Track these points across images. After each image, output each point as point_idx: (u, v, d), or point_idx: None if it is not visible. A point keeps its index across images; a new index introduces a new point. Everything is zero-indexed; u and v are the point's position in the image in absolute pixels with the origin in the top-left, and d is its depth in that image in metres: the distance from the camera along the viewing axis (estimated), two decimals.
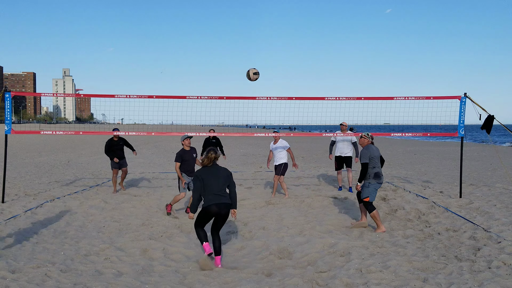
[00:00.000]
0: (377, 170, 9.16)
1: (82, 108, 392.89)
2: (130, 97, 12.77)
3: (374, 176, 9.14)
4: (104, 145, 14.15)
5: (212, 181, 7.14)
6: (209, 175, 7.19)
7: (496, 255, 7.16)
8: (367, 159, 9.08)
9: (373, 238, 8.52)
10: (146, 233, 8.99)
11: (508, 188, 13.67)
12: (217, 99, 12.85)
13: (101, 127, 54.10)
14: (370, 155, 9.10)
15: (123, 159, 14.12)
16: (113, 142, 13.99)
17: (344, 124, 14.02)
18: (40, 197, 12.42)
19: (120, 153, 14.04)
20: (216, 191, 7.11)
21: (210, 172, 7.23)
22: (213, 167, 7.30)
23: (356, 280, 6.33)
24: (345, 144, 14.14)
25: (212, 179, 7.15)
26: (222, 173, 7.28)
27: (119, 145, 14.06)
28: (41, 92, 13.59)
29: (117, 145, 14.03)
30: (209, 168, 7.28)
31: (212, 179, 7.16)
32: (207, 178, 7.15)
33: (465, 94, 12.26)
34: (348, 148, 14.13)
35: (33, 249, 7.77)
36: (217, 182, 7.16)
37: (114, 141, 13.99)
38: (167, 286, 6.19)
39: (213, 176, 7.19)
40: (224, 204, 7.13)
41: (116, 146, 14.00)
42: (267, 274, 6.80)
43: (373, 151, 9.17)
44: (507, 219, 9.51)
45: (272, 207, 11.62)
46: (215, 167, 7.32)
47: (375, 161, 9.14)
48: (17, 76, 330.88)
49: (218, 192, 7.12)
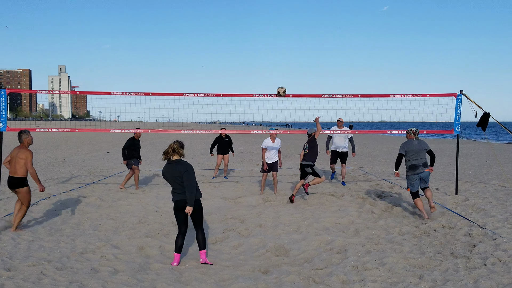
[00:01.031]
0: (412, 163, 9.98)
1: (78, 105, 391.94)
2: (126, 94, 12.74)
3: (409, 168, 10.02)
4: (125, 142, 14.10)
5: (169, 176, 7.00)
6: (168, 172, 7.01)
7: (491, 252, 7.19)
8: (402, 151, 10.08)
9: (370, 235, 8.54)
10: (143, 230, 8.98)
11: (504, 185, 13.71)
12: (214, 97, 12.82)
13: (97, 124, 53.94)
14: (406, 148, 10.01)
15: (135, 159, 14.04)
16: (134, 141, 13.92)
17: (341, 120, 14.21)
18: (36, 195, 12.37)
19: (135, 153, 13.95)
20: (176, 188, 7.01)
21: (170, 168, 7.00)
22: (172, 163, 7.02)
23: (352, 277, 6.34)
24: (341, 140, 14.44)
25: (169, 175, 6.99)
26: (179, 168, 6.94)
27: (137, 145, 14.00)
28: (36, 89, 13.54)
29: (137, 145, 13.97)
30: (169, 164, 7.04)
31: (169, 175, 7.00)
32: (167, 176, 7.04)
33: (461, 92, 12.28)
34: (345, 143, 14.43)
35: (28, 247, 7.74)
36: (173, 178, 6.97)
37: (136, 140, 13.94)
38: (163, 283, 6.18)
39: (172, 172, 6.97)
40: (180, 200, 7.02)
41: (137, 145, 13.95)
42: (263, 272, 6.80)
43: (411, 146, 10.02)
44: (502, 216, 9.55)
45: (269, 204, 11.62)
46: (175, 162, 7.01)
47: (410, 155, 10.01)
48: (12, 73, 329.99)
49: (177, 190, 7.01)
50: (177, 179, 6.93)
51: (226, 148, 16.38)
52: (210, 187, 14.03)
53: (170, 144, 7.03)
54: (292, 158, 24.85)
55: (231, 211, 10.73)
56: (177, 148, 7.03)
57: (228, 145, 16.40)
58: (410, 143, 10.03)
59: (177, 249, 7.17)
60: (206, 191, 12.97)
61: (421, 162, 9.93)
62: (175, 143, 7.02)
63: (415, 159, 9.93)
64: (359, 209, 10.60)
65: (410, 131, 10.22)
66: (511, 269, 6.39)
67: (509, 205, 10.64)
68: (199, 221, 7.25)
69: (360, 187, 13.84)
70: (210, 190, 13.42)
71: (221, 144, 16.37)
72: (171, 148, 7.00)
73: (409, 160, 9.98)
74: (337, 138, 14.55)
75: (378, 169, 18.92)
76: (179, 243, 7.16)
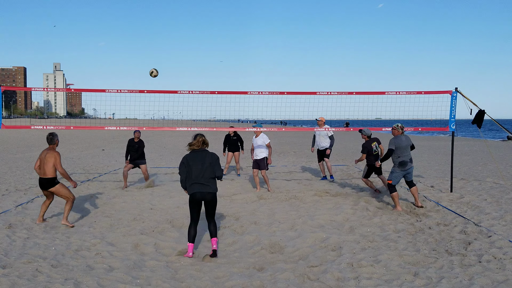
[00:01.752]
0: (402, 159, 10.15)
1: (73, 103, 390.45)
2: (121, 92, 12.71)
3: (399, 165, 10.21)
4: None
5: (198, 167, 7.17)
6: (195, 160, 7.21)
7: (486, 249, 7.21)
8: (392, 146, 10.12)
9: (364, 233, 8.55)
10: (138, 228, 8.96)
11: (499, 182, 13.76)
12: (209, 94, 12.81)
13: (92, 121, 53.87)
14: (396, 145, 10.08)
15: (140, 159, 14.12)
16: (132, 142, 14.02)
17: (320, 119, 14.42)
18: (31, 192, 12.37)
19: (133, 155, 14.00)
20: (200, 179, 7.15)
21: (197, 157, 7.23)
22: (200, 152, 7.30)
23: (347, 275, 6.35)
24: (321, 138, 14.83)
25: (198, 165, 7.18)
26: (208, 159, 7.23)
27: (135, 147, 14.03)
28: (31, 87, 13.49)
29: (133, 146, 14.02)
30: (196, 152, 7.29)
31: (198, 164, 7.18)
32: (193, 164, 7.19)
33: (456, 89, 12.30)
34: (325, 141, 14.81)
35: (24, 244, 7.73)
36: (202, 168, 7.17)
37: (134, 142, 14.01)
38: (158, 281, 6.17)
39: (199, 162, 7.19)
40: (207, 192, 7.22)
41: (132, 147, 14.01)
42: (258, 269, 6.80)
43: (401, 142, 10.09)
44: (497, 213, 9.58)
45: (264, 201, 11.62)
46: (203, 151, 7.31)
47: (401, 151, 10.14)
48: (7, 70, 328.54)
49: (202, 180, 7.16)
50: (206, 168, 7.16)
51: (235, 146, 16.54)
52: None
53: (197, 138, 7.26)
54: (287, 156, 24.86)
55: (226, 208, 10.72)
56: (205, 140, 7.33)
57: (236, 143, 16.55)
58: (400, 139, 10.19)
59: (191, 239, 7.32)
60: None
61: (408, 158, 10.26)
62: (200, 136, 7.28)
63: (404, 155, 10.17)
64: (354, 207, 10.62)
65: (398, 127, 10.34)
66: (506, 266, 6.41)
67: (504, 203, 10.68)
68: (213, 213, 7.44)
69: (355, 185, 13.86)
70: None
71: (229, 142, 16.64)
72: (201, 141, 7.27)
73: (399, 156, 10.17)
74: (318, 137, 14.92)
75: None
76: (192, 233, 7.32)
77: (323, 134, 14.72)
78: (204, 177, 7.16)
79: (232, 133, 16.51)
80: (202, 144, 7.30)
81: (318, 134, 14.85)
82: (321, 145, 14.83)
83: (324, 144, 14.76)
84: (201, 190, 7.17)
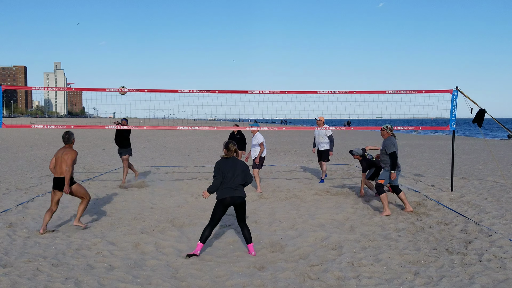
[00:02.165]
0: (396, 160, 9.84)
1: (74, 102, 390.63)
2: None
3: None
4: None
5: (230, 173, 7.42)
6: (227, 167, 7.46)
7: (487, 248, 7.21)
8: (394, 147, 9.81)
9: (365, 232, 8.55)
10: (138, 227, 8.96)
11: (499, 181, 13.75)
12: (209, 93, 12.81)
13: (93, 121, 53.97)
14: (395, 145, 9.86)
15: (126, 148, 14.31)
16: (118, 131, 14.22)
17: (320, 119, 14.32)
18: (32, 191, 12.37)
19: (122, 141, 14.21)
20: (231, 184, 7.40)
21: (229, 164, 7.49)
22: (231, 159, 7.56)
23: (347, 274, 6.35)
24: (320, 138, 14.63)
25: (230, 172, 7.43)
26: (239, 166, 7.53)
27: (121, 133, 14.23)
28: (32, 86, 13.49)
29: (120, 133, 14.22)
30: (227, 160, 7.54)
31: (229, 171, 7.43)
32: (226, 170, 7.43)
33: (457, 88, 12.29)
34: (324, 141, 14.58)
35: (24, 243, 7.73)
36: (233, 175, 7.43)
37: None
38: (158, 280, 6.18)
39: (231, 169, 7.46)
40: (237, 196, 7.44)
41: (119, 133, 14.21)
42: (259, 268, 6.80)
43: (396, 142, 9.91)
44: (498, 212, 9.58)
45: (264, 201, 11.63)
46: (234, 159, 7.59)
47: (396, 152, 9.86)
48: (8, 69, 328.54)
49: (232, 185, 7.40)
50: (238, 175, 7.46)
51: (238, 145, 16.40)
52: (206, 183, 14.01)
53: (230, 146, 7.56)
54: (288, 155, 24.86)
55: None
56: (237, 149, 7.69)
57: (240, 142, 16.43)
58: (393, 140, 10.08)
59: (204, 240, 7.41)
60: (201, 188, 12.97)
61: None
62: (233, 145, 7.61)
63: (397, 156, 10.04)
64: (355, 206, 10.62)
65: (387, 128, 10.19)
66: (507, 265, 6.41)
67: (505, 202, 10.68)
68: (244, 217, 7.62)
69: (355, 184, 13.85)
70: (205, 187, 13.40)
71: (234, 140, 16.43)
72: (233, 150, 7.59)
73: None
74: (317, 137, 14.77)
75: None
76: (206, 234, 7.42)
77: (322, 133, 14.61)
78: (234, 183, 7.41)
79: (236, 131, 16.38)
80: (234, 152, 7.62)
81: (317, 134, 14.76)
82: (320, 145, 14.67)
83: (323, 144, 14.60)
84: (232, 194, 7.39)
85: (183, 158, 23.32)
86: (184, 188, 13.43)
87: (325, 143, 14.57)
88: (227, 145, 7.59)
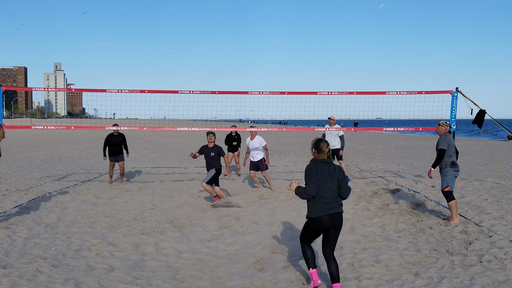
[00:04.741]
0: (454, 159, 9.16)
1: (74, 102, 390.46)
2: (122, 92, 12.75)
3: (451, 165, 9.14)
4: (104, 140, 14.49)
5: (327, 183, 5.64)
6: (323, 173, 5.65)
7: (487, 249, 7.20)
8: (445, 145, 9.09)
9: (365, 233, 8.54)
10: (138, 228, 8.96)
11: (500, 182, 13.74)
12: (210, 94, 12.81)
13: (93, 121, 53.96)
14: (448, 143, 9.12)
15: (120, 154, 14.43)
16: (112, 136, 14.29)
17: (332, 118, 14.34)
18: (32, 192, 12.36)
19: (118, 148, 14.33)
20: (330, 197, 5.63)
21: (325, 170, 5.68)
22: (327, 163, 5.72)
23: (348, 275, 6.35)
24: (332, 137, 14.61)
25: (327, 182, 5.64)
26: (338, 173, 5.71)
27: (118, 140, 14.33)
28: (32, 87, 13.50)
29: (116, 140, 14.30)
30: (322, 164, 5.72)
31: (327, 181, 5.64)
32: (322, 179, 5.64)
33: (457, 89, 12.30)
34: (336, 141, 14.60)
35: (24, 244, 7.72)
36: (331, 184, 5.65)
37: (114, 135, 14.31)
38: (159, 281, 6.17)
39: (329, 177, 5.66)
40: (337, 214, 5.68)
41: (114, 140, 14.28)
42: (259, 269, 6.80)
43: (451, 140, 9.21)
44: (498, 213, 9.57)
45: (265, 201, 11.61)
46: (330, 163, 5.74)
47: (452, 150, 9.17)
48: (8, 70, 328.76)
49: (332, 199, 5.66)
50: (335, 183, 5.68)
51: (234, 146, 16.50)
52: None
53: (321, 145, 5.74)
54: (288, 155, 24.85)
55: (227, 209, 10.72)
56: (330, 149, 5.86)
57: (236, 143, 16.51)
58: (449, 136, 9.29)
59: (314, 264, 5.92)
60: (201, 189, 12.96)
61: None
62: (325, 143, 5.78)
63: (454, 155, 9.27)
64: (355, 207, 10.60)
65: (446, 124, 9.39)
66: (507, 266, 6.40)
67: (505, 202, 10.67)
68: (335, 244, 5.85)
69: (355, 185, 13.84)
70: None
71: (230, 141, 16.57)
72: (328, 151, 5.76)
73: (450, 155, 9.17)
74: (328, 136, 14.71)
75: (374, 167, 18.94)
76: (312, 255, 5.95)
77: (334, 133, 14.60)
78: (333, 195, 5.65)
79: (234, 132, 16.48)
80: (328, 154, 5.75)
81: (329, 134, 14.70)
82: (332, 144, 14.57)
83: (335, 144, 14.59)
84: (331, 212, 5.61)
85: (183, 159, 23.31)
86: (185, 189, 13.43)
87: (337, 142, 14.63)
88: (317, 145, 5.75)
